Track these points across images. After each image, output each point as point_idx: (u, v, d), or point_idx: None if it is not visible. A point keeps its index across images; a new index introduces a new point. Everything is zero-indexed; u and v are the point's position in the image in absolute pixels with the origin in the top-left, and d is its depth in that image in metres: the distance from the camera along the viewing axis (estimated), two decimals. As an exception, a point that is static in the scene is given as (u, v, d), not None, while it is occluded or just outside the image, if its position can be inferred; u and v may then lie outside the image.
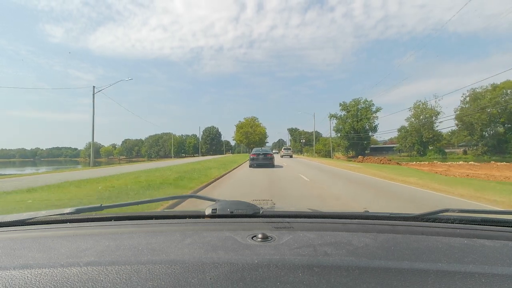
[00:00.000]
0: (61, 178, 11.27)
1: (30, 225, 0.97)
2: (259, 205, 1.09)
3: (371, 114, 61.68)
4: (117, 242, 0.75)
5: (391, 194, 7.97)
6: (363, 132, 62.19)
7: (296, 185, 9.59)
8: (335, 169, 18.77)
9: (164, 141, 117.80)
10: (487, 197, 7.17)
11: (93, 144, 26.69)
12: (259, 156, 18.80)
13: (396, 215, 1.01)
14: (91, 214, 1.07)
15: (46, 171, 21.48)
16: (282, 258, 0.62)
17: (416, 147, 55.40)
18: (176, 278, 0.54)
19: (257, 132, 79.28)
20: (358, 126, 61.75)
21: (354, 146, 63.39)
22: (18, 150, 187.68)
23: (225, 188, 9.35)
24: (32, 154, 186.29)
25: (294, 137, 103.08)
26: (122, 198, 6.56)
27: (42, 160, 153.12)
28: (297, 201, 6.61)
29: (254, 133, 78.78)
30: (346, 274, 0.55)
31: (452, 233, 0.84)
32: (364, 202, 6.79)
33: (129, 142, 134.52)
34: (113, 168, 19.75)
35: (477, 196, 7.34)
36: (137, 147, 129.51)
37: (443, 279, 0.54)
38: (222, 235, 0.79)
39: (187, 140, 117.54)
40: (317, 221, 0.99)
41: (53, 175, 14.01)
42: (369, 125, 62.23)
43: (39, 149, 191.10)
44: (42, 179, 11.51)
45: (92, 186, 8.77)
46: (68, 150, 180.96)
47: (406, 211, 1.28)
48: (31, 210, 1.24)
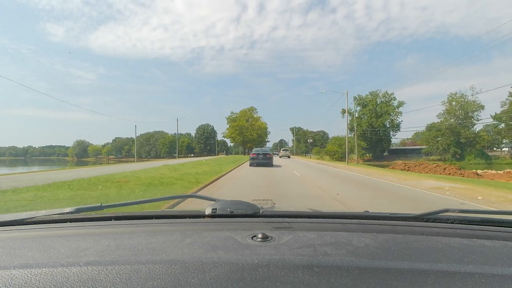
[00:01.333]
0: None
1: (30, 224, 0.97)
2: (259, 205, 1.08)
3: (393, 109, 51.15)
4: (117, 242, 0.75)
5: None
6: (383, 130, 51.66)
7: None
8: (385, 183, 10.82)
9: (156, 140, 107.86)
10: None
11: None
12: (259, 155, 20.06)
13: (396, 215, 1.01)
14: (91, 214, 1.07)
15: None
16: (282, 258, 0.62)
17: (452, 150, 44.73)
18: (176, 278, 0.54)
19: (256, 126, 63.64)
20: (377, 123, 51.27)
21: (371, 147, 52.88)
22: (8, 148, 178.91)
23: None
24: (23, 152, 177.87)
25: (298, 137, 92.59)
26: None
27: (33, 158, 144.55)
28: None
29: (251, 128, 62.98)
30: (346, 274, 0.55)
31: (452, 233, 0.84)
32: None
33: (119, 140, 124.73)
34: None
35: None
36: (127, 146, 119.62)
37: (443, 279, 0.54)
38: (222, 235, 0.79)
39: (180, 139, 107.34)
40: (317, 221, 0.99)
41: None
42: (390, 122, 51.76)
43: (31, 147, 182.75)
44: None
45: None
46: (62, 149, 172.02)
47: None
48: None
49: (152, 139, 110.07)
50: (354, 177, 13.47)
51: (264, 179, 11.50)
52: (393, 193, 8.51)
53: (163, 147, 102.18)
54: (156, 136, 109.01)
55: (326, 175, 14.66)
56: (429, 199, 7.36)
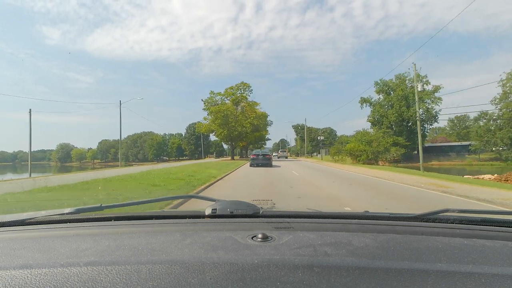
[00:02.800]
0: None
1: (30, 225, 0.97)
2: (259, 205, 1.08)
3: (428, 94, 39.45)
4: (117, 242, 0.75)
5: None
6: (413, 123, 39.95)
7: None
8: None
9: (144, 142, 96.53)
10: None
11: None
12: (258, 156, 21.56)
13: (396, 215, 1.01)
14: (91, 214, 1.07)
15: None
16: (282, 258, 0.62)
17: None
18: (176, 278, 0.54)
19: (250, 113, 40.60)
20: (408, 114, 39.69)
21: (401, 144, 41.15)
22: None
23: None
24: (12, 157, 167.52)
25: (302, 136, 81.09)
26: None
27: (22, 163, 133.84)
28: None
29: (243, 117, 40.33)
30: (346, 274, 0.55)
31: (452, 233, 0.84)
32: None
33: (105, 143, 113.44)
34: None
35: None
36: (114, 149, 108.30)
37: (443, 279, 0.54)
38: (222, 235, 0.79)
39: (171, 140, 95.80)
40: (317, 221, 0.99)
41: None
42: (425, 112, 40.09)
43: (21, 152, 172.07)
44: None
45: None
46: (53, 153, 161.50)
47: None
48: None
49: (140, 141, 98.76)
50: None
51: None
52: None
53: (150, 149, 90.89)
54: (144, 137, 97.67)
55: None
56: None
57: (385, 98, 43.56)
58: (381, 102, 44.09)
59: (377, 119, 43.73)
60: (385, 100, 43.30)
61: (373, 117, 44.45)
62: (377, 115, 43.97)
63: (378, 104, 43.99)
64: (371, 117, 44.63)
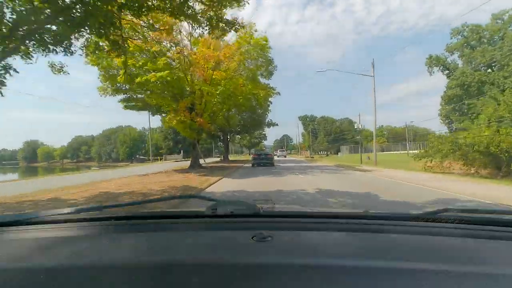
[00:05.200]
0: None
1: (30, 225, 0.96)
2: (259, 205, 1.07)
3: None
4: (117, 242, 0.76)
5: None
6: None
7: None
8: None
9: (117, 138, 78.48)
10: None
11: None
12: (260, 156, 21.75)
13: (396, 215, 1.00)
14: (91, 214, 1.07)
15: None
16: (282, 257, 0.62)
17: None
18: (176, 278, 0.54)
19: (230, 48, 15.04)
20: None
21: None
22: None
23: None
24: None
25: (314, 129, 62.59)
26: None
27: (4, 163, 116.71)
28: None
29: (213, 62, 14.56)
30: (346, 274, 0.55)
31: (452, 233, 0.84)
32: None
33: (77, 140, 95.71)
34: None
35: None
36: (86, 147, 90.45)
37: (443, 279, 0.54)
38: (222, 235, 0.80)
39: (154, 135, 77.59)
40: (317, 221, 0.99)
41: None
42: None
43: (4, 150, 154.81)
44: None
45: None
46: (19, 151, 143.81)
47: None
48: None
49: (113, 137, 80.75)
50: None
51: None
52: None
53: (122, 147, 72.92)
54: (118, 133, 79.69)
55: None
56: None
57: (470, 53, 25.03)
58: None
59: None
60: (474, 54, 24.75)
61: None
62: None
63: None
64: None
